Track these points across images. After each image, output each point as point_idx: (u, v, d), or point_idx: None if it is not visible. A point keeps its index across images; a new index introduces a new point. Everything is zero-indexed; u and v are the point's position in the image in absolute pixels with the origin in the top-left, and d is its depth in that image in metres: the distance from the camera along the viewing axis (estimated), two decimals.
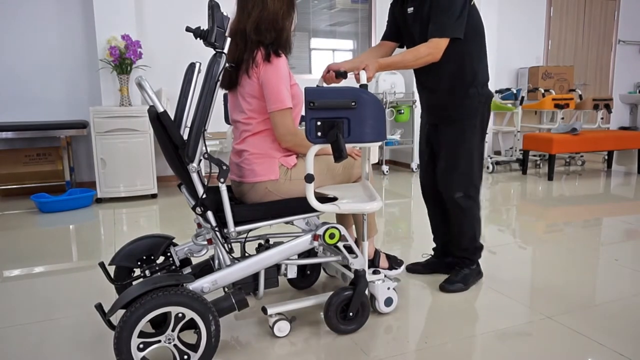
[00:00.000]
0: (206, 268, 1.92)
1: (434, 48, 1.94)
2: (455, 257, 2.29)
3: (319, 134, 1.51)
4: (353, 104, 1.49)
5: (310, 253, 1.97)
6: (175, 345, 1.53)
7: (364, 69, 1.85)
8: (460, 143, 2.11)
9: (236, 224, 1.71)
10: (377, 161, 5.65)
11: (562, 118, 5.88)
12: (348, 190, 1.85)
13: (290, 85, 1.80)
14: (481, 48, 2.09)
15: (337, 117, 1.50)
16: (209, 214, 1.68)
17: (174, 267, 1.94)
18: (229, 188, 1.93)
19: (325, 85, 2.18)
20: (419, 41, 2.05)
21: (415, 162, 5.66)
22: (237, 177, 1.88)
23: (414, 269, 2.42)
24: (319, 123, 1.50)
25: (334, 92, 1.49)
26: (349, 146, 1.59)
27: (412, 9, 2.08)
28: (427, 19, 2.00)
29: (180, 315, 1.50)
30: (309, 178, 1.58)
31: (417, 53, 1.94)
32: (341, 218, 2.16)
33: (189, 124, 1.65)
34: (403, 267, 2.27)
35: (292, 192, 1.83)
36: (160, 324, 1.68)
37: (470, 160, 2.12)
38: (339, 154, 1.46)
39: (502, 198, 4.24)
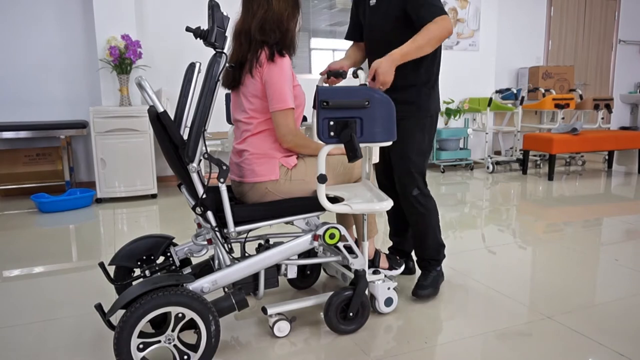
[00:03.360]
0: (206, 268, 1.92)
1: (442, 23, 1.83)
2: (420, 259, 2.21)
3: (332, 133, 1.49)
4: (367, 103, 1.48)
5: (310, 253, 1.97)
6: (175, 346, 1.53)
7: (374, 74, 1.80)
8: (411, 140, 2.07)
9: (236, 224, 1.71)
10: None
11: (563, 118, 5.89)
12: (352, 190, 1.85)
13: (293, 86, 1.80)
14: (439, 50, 2.06)
15: (350, 116, 1.49)
16: (209, 214, 1.68)
17: (174, 267, 1.94)
18: (229, 188, 1.93)
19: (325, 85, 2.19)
20: (379, 35, 2.03)
21: None
22: (237, 177, 1.88)
23: None
24: (331, 123, 1.49)
25: (347, 92, 1.48)
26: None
27: (374, 1, 2.03)
28: (392, 12, 1.95)
29: (180, 315, 1.50)
30: (322, 179, 1.57)
31: (429, 34, 1.82)
32: (341, 218, 2.16)
33: (189, 124, 1.65)
34: (403, 267, 2.27)
35: (292, 192, 1.83)
36: (160, 324, 1.68)
37: (420, 158, 2.09)
38: (354, 154, 1.44)
39: (502, 198, 4.24)
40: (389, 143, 1.61)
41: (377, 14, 2.02)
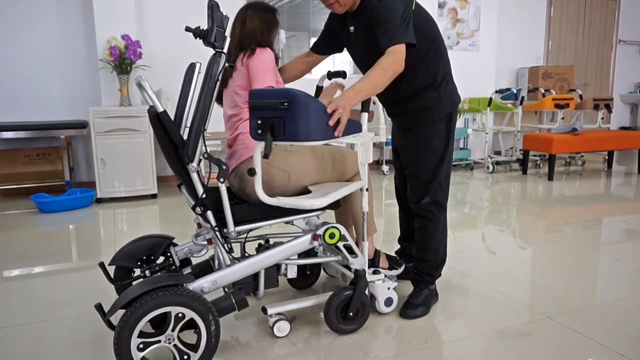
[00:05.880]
0: (206, 268, 1.92)
1: (395, 56, 1.73)
2: (415, 272, 2.10)
3: (259, 132, 1.57)
4: (284, 104, 1.52)
5: (310, 253, 1.97)
6: (175, 345, 1.53)
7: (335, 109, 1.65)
8: (424, 149, 1.98)
9: (236, 224, 1.71)
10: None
11: (563, 118, 5.89)
12: (328, 187, 1.83)
13: (276, 82, 1.87)
14: (436, 49, 1.94)
15: (273, 116, 1.55)
16: (209, 214, 1.68)
17: (174, 267, 1.94)
18: (228, 188, 1.93)
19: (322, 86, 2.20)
20: (365, 61, 1.94)
21: None
22: (234, 165, 1.88)
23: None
24: (259, 122, 1.57)
25: (269, 94, 1.57)
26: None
27: (352, 28, 1.94)
28: (371, 38, 1.84)
29: (180, 315, 1.50)
30: (251, 171, 1.59)
31: (384, 70, 1.72)
32: (341, 218, 2.16)
33: (189, 124, 1.65)
34: (403, 268, 2.26)
35: (289, 165, 1.82)
36: (160, 324, 1.68)
37: (437, 166, 1.99)
38: (264, 153, 1.52)
39: (502, 198, 4.24)
40: (316, 143, 1.59)
41: (357, 41, 1.96)
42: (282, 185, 1.84)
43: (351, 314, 1.82)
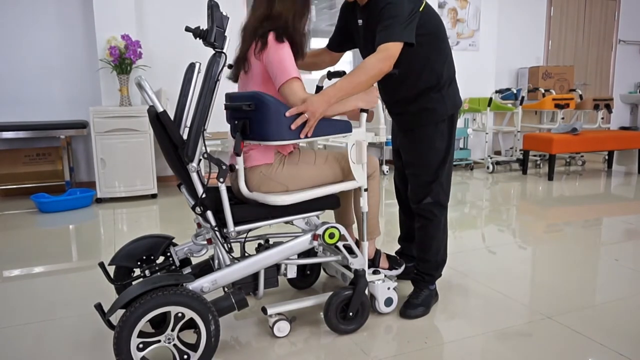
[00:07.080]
0: (206, 268, 1.92)
1: (383, 54, 1.70)
2: (416, 272, 2.11)
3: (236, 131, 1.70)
4: (250, 106, 1.62)
5: (310, 253, 1.97)
6: (175, 345, 1.52)
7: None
8: (426, 149, 1.98)
9: (236, 223, 1.70)
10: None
11: (563, 118, 5.89)
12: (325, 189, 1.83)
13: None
14: (441, 50, 1.93)
15: (243, 117, 1.67)
16: (209, 214, 1.68)
17: (173, 267, 1.94)
18: (228, 188, 1.93)
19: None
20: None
21: None
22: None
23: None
24: (236, 122, 1.70)
25: (240, 97, 1.69)
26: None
27: (361, 21, 1.93)
28: (376, 34, 1.79)
29: (179, 315, 1.50)
30: (232, 168, 1.75)
31: (366, 69, 1.69)
32: (340, 218, 2.16)
33: (188, 124, 1.65)
34: (403, 268, 2.26)
35: (286, 177, 1.80)
36: (160, 324, 1.68)
37: (439, 167, 1.99)
38: (234, 149, 1.67)
39: (502, 198, 4.24)
40: (283, 143, 1.65)
41: (365, 35, 1.94)
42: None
43: (351, 314, 1.82)
